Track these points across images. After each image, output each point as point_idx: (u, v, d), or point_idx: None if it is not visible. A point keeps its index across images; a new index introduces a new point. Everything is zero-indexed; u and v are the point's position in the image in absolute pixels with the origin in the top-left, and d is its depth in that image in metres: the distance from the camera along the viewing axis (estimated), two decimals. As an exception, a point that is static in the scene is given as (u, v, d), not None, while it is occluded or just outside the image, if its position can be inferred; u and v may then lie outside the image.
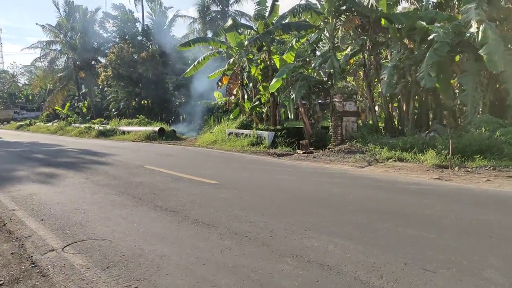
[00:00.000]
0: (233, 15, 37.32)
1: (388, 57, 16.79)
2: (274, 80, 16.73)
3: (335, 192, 7.68)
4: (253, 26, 20.27)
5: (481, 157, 10.36)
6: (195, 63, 21.53)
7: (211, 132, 20.43)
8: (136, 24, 37.36)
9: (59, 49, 42.11)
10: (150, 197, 7.29)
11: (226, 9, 39.37)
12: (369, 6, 14.53)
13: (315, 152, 14.19)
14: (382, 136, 14.24)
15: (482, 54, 11.42)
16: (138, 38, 36.37)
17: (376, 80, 16.70)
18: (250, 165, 11.95)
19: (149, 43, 36.47)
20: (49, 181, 9.27)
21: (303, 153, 14.45)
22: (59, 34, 40.36)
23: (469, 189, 7.84)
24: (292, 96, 16.19)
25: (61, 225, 5.60)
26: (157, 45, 35.74)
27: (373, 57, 16.57)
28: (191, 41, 22.21)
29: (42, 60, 45.18)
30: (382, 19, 15.18)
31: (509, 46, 13.04)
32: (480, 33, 11.50)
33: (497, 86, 13.81)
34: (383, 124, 16.59)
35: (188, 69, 22.18)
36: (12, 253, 4.53)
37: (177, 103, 34.10)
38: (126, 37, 34.74)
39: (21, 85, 71.11)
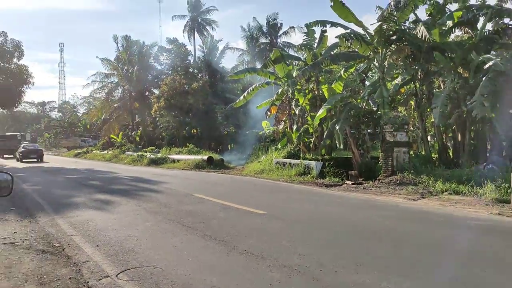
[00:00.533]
0: (281, 46, 38.05)
1: (441, 86, 16.32)
2: (321, 110, 16.70)
3: (386, 226, 7.41)
4: (301, 57, 20.52)
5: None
6: (245, 94, 21.99)
7: (258, 161, 20.54)
8: (188, 56, 38.97)
9: (116, 81, 44.64)
10: (199, 226, 7.38)
11: (275, 40, 40.25)
12: (421, 37, 14.29)
13: (365, 183, 13.85)
14: (435, 168, 13.68)
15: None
16: (190, 69, 37.87)
17: (428, 110, 16.21)
18: (298, 195, 11.85)
19: (200, 74, 37.83)
20: (104, 207, 9.66)
21: (352, 184, 14.15)
22: (117, 67, 42.85)
23: None
24: (337, 126, 16.02)
25: (115, 251, 5.79)
26: (207, 76, 37.00)
27: (425, 86, 16.17)
28: (241, 71, 22.73)
29: (100, 91, 48.02)
30: (434, 49, 14.85)
31: None
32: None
33: None
34: (437, 155, 15.96)
35: (238, 100, 22.67)
36: (70, 278, 4.72)
37: (226, 132, 34.78)
38: (179, 69, 36.27)
39: (80, 114, 75.61)
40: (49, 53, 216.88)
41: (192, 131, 34.82)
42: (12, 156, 40.04)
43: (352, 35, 16.20)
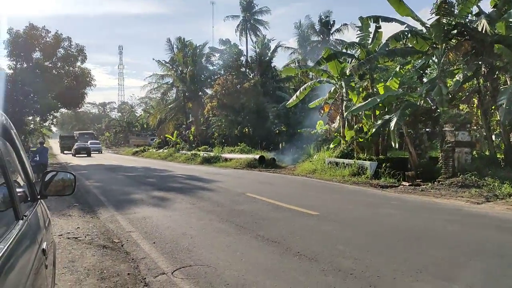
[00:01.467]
0: (334, 44, 37.39)
1: (508, 82, 15.25)
2: (361, 103, 16.18)
3: (449, 231, 7.02)
4: (355, 54, 19.99)
5: None
6: (297, 93, 21.80)
7: (310, 161, 20.30)
8: (241, 56, 39.35)
9: (170, 81, 46.03)
10: (252, 225, 7.39)
11: (327, 38, 39.62)
12: (482, 31, 13.41)
13: (423, 185, 13.25)
14: (501, 169, 12.81)
15: None
16: (242, 69, 38.24)
17: (493, 107, 15.21)
18: (351, 196, 11.56)
19: (251, 74, 38.07)
20: (160, 205, 9.95)
21: (409, 185, 13.59)
22: (171, 68, 44.16)
23: None
24: (391, 125, 15.41)
25: (170, 249, 5.92)
26: (259, 75, 37.17)
27: (489, 82, 15.18)
28: (294, 68, 22.50)
29: (155, 92, 49.74)
30: (500, 43, 13.89)
31: None
32: None
33: None
34: (503, 156, 14.92)
35: (291, 100, 22.54)
36: (128, 274, 4.88)
37: (277, 131, 34.76)
38: (231, 69, 36.74)
39: (138, 114, 78.81)
40: (109, 56, 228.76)
41: (243, 130, 35.13)
42: (70, 152, 46.82)
43: (405, 33, 15.57)
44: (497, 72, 15.20)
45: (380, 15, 17.05)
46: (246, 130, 35.19)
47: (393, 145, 18.65)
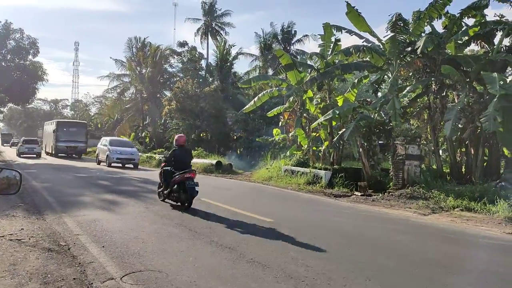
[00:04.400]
0: (295, 54, 38.02)
1: (455, 100, 16.11)
2: (322, 118, 16.63)
3: (397, 240, 7.27)
4: (314, 65, 20.41)
5: None
6: (255, 99, 21.96)
7: (267, 168, 20.44)
8: (201, 60, 39.13)
9: (128, 81, 44.98)
10: (206, 231, 7.31)
11: (288, 48, 40.21)
12: (426, 49, 14.11)
13: (374, 195, 13.68)
14: (447, 183, 13.46)
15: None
16: (201, 73, 37.98)
17: (442, 123, 16.01)
18: (306, 204, 11.72)
19: (211, 79, 37.91)
20: (112, 208, 9.64)
21: (361, 195, 13.98)
22: (130, 67, 43.17)
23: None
24: (345, 135, 15.85)
25: (120, 253, 5.73)
26: (219, 80, 37.09)
27: (438, 99, 15.97)
28: (252, 79, 22.74)
29: (112, 91, 48.41)
30: (450, 62, 14.68)
31: None
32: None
33: None
34: (449, 170, 15.72)
35: (248, 105, 22.64)
36: (74, 279, 4.66)
37: (235, 137, 34.76)
38: (191, 72, 36.44)
39: (92, 114, 76.20)
40: (64, 52, 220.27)
41: (201, 135, 34.87)
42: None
43: (361, 48, 16.15)
44: (446, 90, 16.02)
45: (343, 26, 17.51)
46: (204, 134, 34.95)
47: (354, 154, 19.16)
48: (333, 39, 19.24)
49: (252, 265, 5.36)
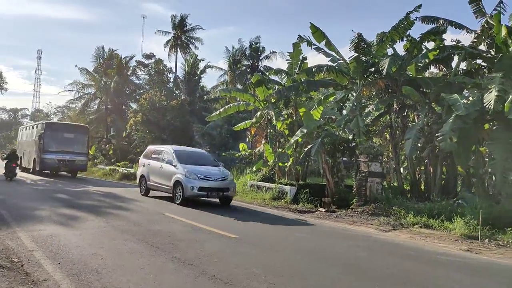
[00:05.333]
0: (262, 70, 38.46)
1: (416, 119, 16.73)
2: (294, 138, 16.87)
3: (359, 257, 7.38)
4: (281, 82, 20.72)
5: (513, 230, 9.88)
6: (221, 109, 22.18)
7: (232, 183, 20.36)
8: (168, 73, 38.89)
9: (93, 92, 43.95)
10: (168, 247, 7.16)
11: (256, 64, 40.66)
12: (389, 71, 14.67)
13: (338, 211, 13.87)
14: (407, 200, 13.86)
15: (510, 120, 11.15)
16: (169, 86, 37.69)
17: (402, 142, 16.55)
18: (270, 220, 11.73)
19: (179, 92, 37.68)
20: (70, 223, 9.29)
21: (325, 211, 14.15)
22: (95, 78, 42.24)
23: (502, 265, 7.41)
24: (312, 152, 16.11)
25: (78, 270, 5.52)
26: (186, 94, 36.91)
27: (400, 119, 16.54)
28: (222, 89, 22.70)
29: (75, 102, 47.12)
30: (410, 83, 15.28)
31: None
32: (506, 102, 11.33)
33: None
34: (409, 187, 16.20)
35: (213, 114, 22.81)
36: (26, 297, 4.44)
37: (201, 151, 34.51)
38: (158, 85, 36.10)
39: (53, 124, 73.68)
40: (26, 60, 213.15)
41: (167, 148, 34.40)
42: None
43: (323, 67, 16.63)
44: (406, 110, 16.61)
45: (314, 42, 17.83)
46: (170, 148, 34.49)
47: (320, 170, 19.41)
48: (300, 57, 19.68)
49: (215, 282, 5.29)
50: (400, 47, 18.47)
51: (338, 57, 17.59)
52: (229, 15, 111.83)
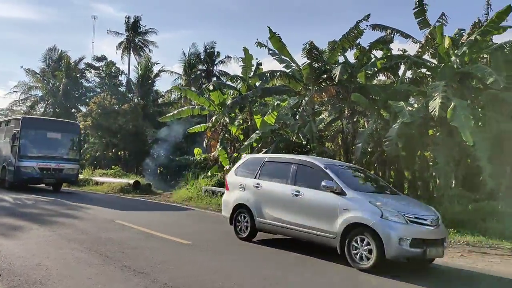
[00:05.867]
0: (218, 74, 38.43)
1: (365, 125, 17.35)
2: (248, 141, 17.00)
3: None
4: (236, 87, 20.81)
5: (455, 231, 10.45)
6: (175, 112, 22.07)
7: (187, 189, 20.15)
8: (120, 76, 37.96)
9: (40, 94, 42.03)
10: (118, 255, 6.95)
11: (211, 68, 40.56)
12: (339, 77, 15.18)
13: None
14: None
15: (455, 125, 11.80)
16: (121, 89, 36.77)
17: (353, 147, 17.09)
18: (226, 225, 11.68)
19: (132, 95, 36.84)
20: (13, 231, 8.80)
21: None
22: (42, 80, 40.45)
23: (443, 264, 7.80)
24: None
25: (20, 282, 5.23)
26: (139, 97, 36.14)
27: (350, 124, 17.09)
28: (176, 86, 22.38)
29: (21, 104, 44.83)
30: (360, 90, 15.85)
31: (480, 124, 13.68)
32: (447, 109, 11.98)
33: (468, 161, 14.28)
34: (360, 191, 16.72)
35: (167, 115, 22.62)
36: (-40, 314, 4.16)
37: (155, 156, 33.89)
38: (109, 88, 35.13)
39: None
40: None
41: (119, 153, 33.48)
42: None
43: (277, 73, 16.95)
44: (357, 116, 17.21)
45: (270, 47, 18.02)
46: (122, 153, 33.61)
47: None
48: (254, 62, 19.88)
49: (166, 290, 5.20)
50: (351, 55, 19.12)
51: (292, 63, 17.94)
52: (185, 18, 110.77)
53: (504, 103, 13.43)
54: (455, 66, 14.24)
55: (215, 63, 41.24)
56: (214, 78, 24.92)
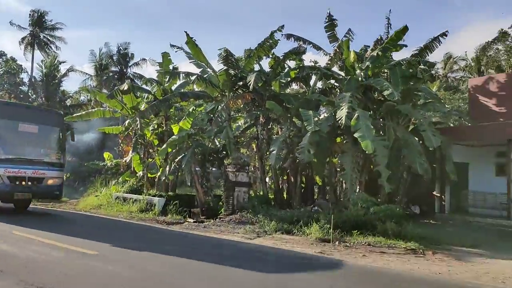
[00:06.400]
0: (132, 77, 37.10)
1: (279, 132, 17.94)
2: (165, 146, 16.71)
3: (226, 267, 7.57)
4: (151, 91, 20.28)
5: (358, 232, 11.20)
6: (83, 112, 20.96)
7: (96, 196, 19.14)
8: (21, 73, 34.99)
9: None
10: (17, 269, 6.39)
11: (125, 70, 39.08)
12: (257, 86, 15.60)
13: (206, 222, 14.03)
14: (271, 208, 14.71)
15: (356, 136, 12.74)
16: (23, 88, 33.86)
17: (268, 153, 17.57)
18: (136, 233, 11.33)
19: (35, 96, 34.10)
20: None
21: (194, 222, 14.18)
22: None
23: (347, 264, 8.33)
24: (183, 163, 16.15)
25: None
26: (43, 98, 33.60)
27: (265, 131, 17.56)
28: (83, 87, 21.24)
29: None
30: (275, 98, 16.39)
31: (381, 132, 14.88)
32: (352, 118, 12.89)
33: (371, 167, 15.44)
34: (273, 196, 17.23)
35: (73, 115, 21.42)
36: None
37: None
38: (8, 86, 32.18)
39: None
40: None
41: (20, 158, 30.70)
42: None
43: (197, 77, 16.93)
44: (271, 123, 17.74)
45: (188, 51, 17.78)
46: (24, 157, 30.88)
47: (187, 182, 19.37)
48: (171, 67, 19.60)
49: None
50: (266, 64, 19.69)
51: (208, 69, 17.97)
52: (98, 16, 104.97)
53: (400, 114, 14.78)
54: (359, 78, 15.35)
55: (129, 65, 39.84)
56: (128, 81, 23.97)
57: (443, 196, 16.56)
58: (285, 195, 17.37)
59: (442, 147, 15.08)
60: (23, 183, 13.17)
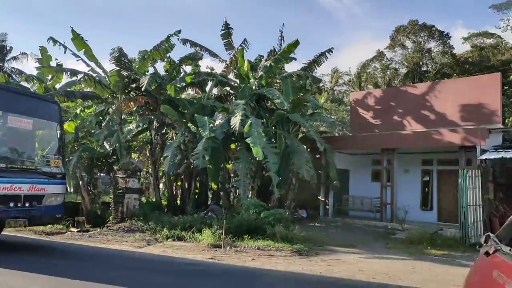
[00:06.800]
0: (10, 72, 33.40)
1: (174, 137, 17.64)
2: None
3: (110, 276, 7.16)
4: (31, 89, 18.47)
5: (249, 237, 11.47)
6: None
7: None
8: None
9: None
10: None
11: (1, 64, 35.06)
12: (151, 88, 15.21)
13: (92, 231, 13.14)
14: (164, 215, 14.35)
15: (248, 142, 13.11)
16: None
17: (162, 158, 17.14)
18: (8, 247, 10.15)
19: None
20: None
21: (77, 231, 13.19)
22: None
23: (236, 268, 8.48)
24: (69, 169, 14.98)
25: None
26: None
27: (159, 136, 17.13)
28: None
29: None
30: (170, 103, 16.09)
31: (272, 140, 15.51)
32: (245, 126, 13.25)
33: (264, 173, 16.00)
34: (166, 202, 16.84)
35: None
36: None
37: None
38: None
39: None
40: None
41: None
42: None
43: (84, 76, 15.93)
44: (166, 128, 17.37)
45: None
46: None
47: (68, 189, 17.93)
48: (54, 64, 18.11)
49: None
50: (161, 67, 19.24)
51: (98, 68, 16.98)
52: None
53: (290, 122, 15.60)
54: (253, 87, 15.85)
55: (7, 59, 35.84)
56: (5, 75, 21.47)
57: (327, 201, 17.82)
58: (178, 201, 17.11)
59: (327, 155, 16.25)
60: (18, 204, 8.92)
